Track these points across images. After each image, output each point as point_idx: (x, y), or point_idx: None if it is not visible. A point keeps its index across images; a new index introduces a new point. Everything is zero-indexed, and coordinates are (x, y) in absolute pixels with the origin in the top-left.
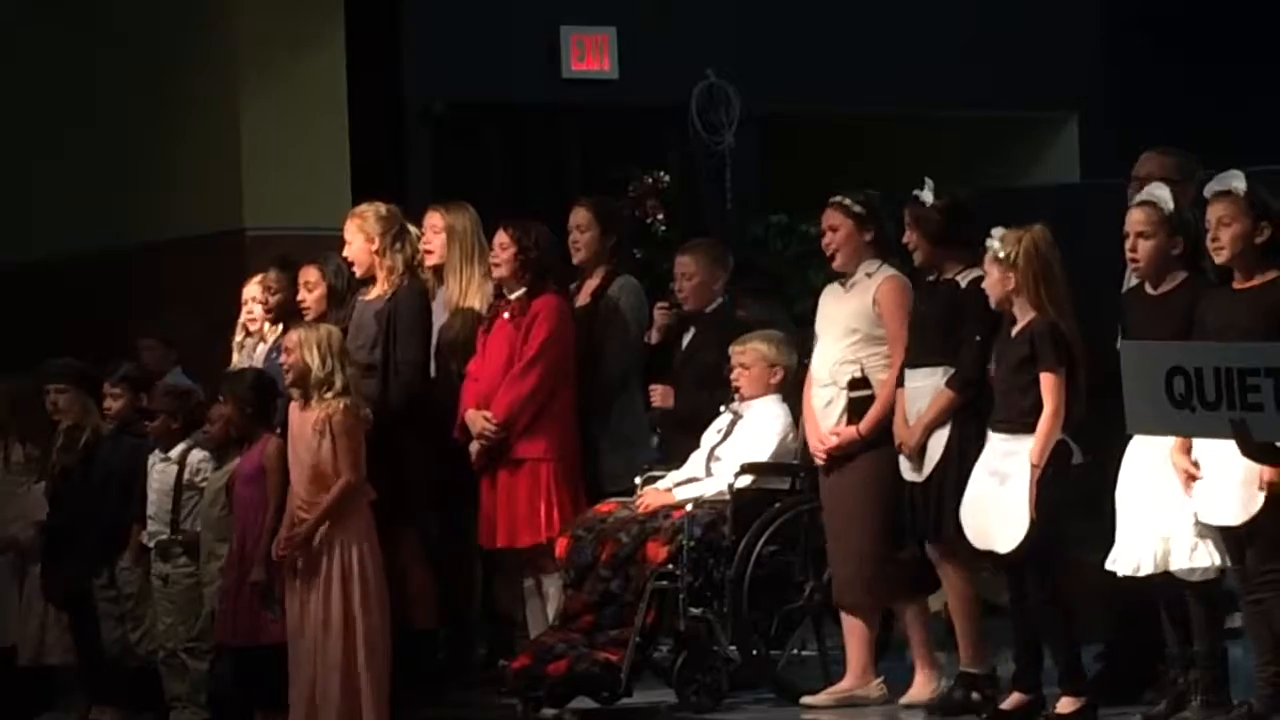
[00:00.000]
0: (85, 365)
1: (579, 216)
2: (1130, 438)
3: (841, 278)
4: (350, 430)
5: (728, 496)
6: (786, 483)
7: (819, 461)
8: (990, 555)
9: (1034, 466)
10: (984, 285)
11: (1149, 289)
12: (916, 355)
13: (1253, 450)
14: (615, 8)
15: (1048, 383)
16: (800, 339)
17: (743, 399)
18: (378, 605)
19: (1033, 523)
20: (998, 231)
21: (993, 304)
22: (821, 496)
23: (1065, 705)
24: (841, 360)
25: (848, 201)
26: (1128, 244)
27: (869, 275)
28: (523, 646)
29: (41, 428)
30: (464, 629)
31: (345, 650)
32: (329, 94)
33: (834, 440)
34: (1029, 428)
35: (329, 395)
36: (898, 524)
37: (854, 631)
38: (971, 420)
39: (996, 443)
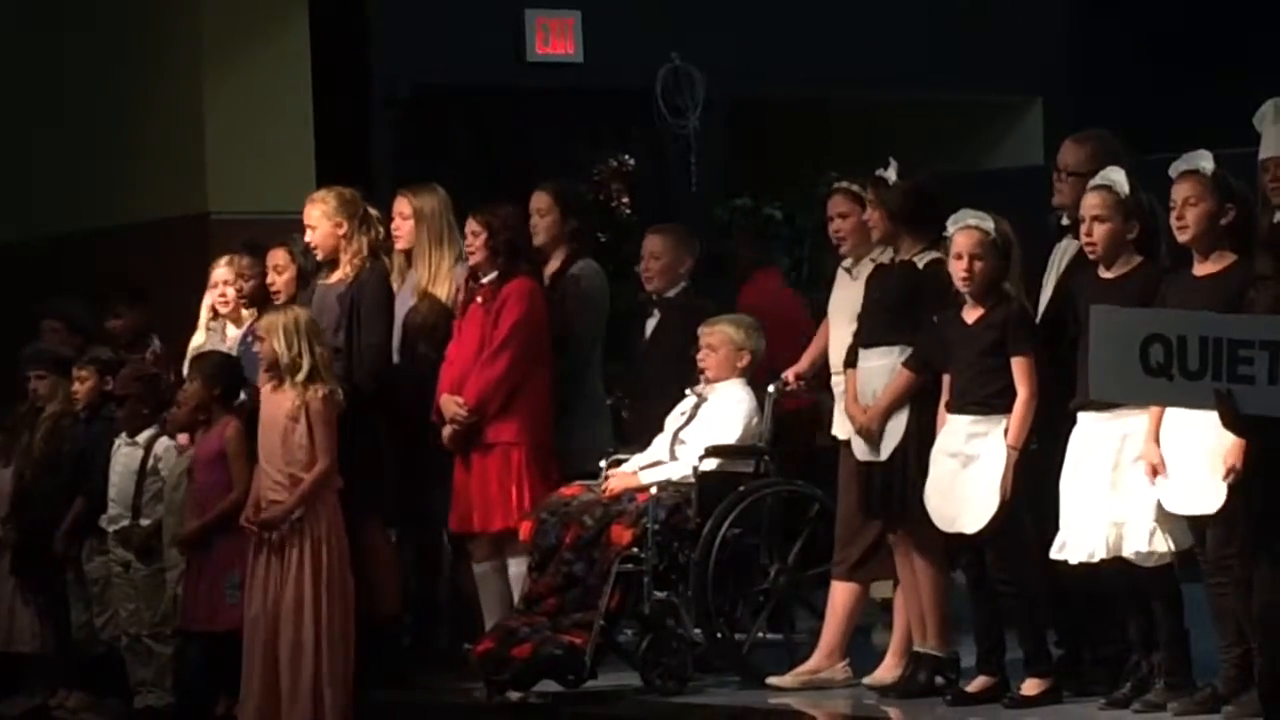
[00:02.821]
0: (62, 350)
1: (539, 200)
2: (1073, 425)
3: (847, 263)
4: (328, 418)
5: (692, 479)
6: (751, 466)
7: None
8: (958, 537)
9: (1011, 449)
10: (972, 271)
11: (1103, 272)
12: (871, 335)
13: (1234, 422)
14: None
15: (1022, 366)
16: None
17: (707, 381)
18: (341, 592)
19: (1002, 504)
20: (968, 217)
21: (970, 289)
22: (839, 474)
23: (1030, 687)
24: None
25: (855, 188)
26: (1083, 228)
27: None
28: (485, 631)
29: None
30: (429, 613)
31: (314, 636)
32: (293, 78)
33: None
34: (996, 409)
35: (300, 379)
36: (866, 505)
37: (842, 604)
38: (930, 401)
39: (960, 425)
